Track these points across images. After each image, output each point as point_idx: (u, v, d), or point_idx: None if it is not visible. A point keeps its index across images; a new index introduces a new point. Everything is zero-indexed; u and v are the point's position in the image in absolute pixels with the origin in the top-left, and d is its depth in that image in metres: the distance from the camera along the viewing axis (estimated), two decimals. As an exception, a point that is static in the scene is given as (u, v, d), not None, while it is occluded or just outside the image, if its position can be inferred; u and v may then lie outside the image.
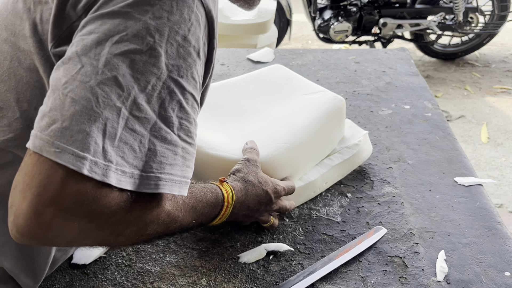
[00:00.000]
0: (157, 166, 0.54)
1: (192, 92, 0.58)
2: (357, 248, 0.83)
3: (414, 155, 1.06)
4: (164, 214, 0.60)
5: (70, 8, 0.56)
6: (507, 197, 2.28)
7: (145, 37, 0.52)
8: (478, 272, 0.78)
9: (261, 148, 0.87)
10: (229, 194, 0.74)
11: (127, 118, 0.51)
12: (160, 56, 0.53)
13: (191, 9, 0.55)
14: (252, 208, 0.79)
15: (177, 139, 0.56)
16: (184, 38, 0.55)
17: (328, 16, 3.29)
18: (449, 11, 3.26)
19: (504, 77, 3.42)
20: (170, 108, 0.55)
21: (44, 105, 0.51)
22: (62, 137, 0.48)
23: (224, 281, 0.79)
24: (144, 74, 0.52)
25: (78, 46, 0.53)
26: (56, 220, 0.48)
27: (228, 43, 2.40)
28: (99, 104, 0.49)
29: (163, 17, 0.53)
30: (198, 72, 0.59)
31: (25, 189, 0.48)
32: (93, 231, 0.52)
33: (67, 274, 0.81)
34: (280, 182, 0.84)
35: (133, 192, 0.54)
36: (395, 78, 1.39)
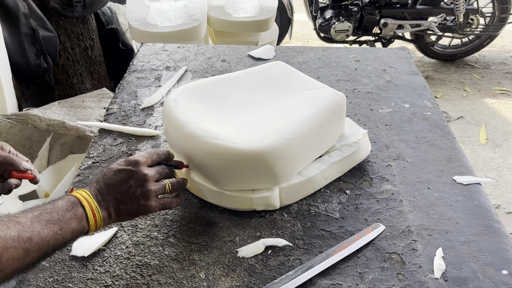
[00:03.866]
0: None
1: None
2: (355, 244, 0.83)
3: (413, 153, 1.07)
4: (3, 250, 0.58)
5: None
6: (505, 198, 2.28)
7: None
8: (475, 270, 0.79)
9: (263, 138, 0.87)
10: (83, 193, 0.72)
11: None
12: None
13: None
14: (123, 189, 0.74)
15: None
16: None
17: (329, 16, 3.29)
18: (450, 12, 3.26)
19: (503, 79, 3.42)
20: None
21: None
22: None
23: (223, 275, 0.79)
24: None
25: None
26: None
27: (230, 40, 2.40)
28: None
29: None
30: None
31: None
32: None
33: (66, 266, 0.82)
34: (143, 153, 0.81)
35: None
36: (395, 76, 1.39)
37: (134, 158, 0.78)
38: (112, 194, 0.74)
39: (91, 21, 2.17)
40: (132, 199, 0.75)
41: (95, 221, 0.71)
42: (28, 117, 1.59)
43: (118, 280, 0.79)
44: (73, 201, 0.70)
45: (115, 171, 0.76)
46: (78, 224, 0.69)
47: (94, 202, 0.72)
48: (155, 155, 0.82)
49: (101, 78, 2.30)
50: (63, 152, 1.66)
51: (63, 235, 0.67)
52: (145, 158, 0.79)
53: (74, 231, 0.68)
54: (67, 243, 0.68)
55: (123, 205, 0.75)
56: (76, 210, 0.69)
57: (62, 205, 0.69)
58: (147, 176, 0.77)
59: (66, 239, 0.67)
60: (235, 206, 0.91)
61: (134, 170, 0.76)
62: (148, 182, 0.76)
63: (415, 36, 3.45)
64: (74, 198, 0.71)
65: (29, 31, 1.81)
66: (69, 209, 0.69)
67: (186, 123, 0.91)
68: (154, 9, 2.23)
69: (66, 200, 0.70)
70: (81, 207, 0.70)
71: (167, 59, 1.52)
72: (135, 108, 1.26)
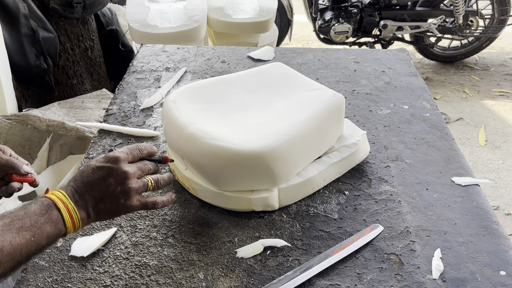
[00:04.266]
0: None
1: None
2: (353, 245, 0.83)
3: (412, 155, 1.07)
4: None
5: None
6: (504, 200, 2.28)
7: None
8: (473, 271, 0.79)
9: (262, 139, 0.87)
10: (58, 194, 0.68)
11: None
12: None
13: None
14: (102, 187, 0.71)
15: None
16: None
17: (329, 17, 3.29)
18: (449, 14, 3.26)
19: (502, 80, 3.43)
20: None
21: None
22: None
23: (222, 275, 0.79)
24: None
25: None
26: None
27: (229, 41, 2.40)
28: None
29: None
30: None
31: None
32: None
33: (65, 266, 0.82)
34: (123, 149, 0.76)
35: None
36: (394, 78, 1.39)
37: (114, 154, 0.74)
38: (91, 193, 0.70)
39: (91, 22, 2.18)
40: (112, 197, 0.71)
41: (72, 223, 0.67)
42: (28, 117, 1.59)
43: (117, 280, 0.79)
44: (47, 204, 0.66)
45: (93, 169, 0.72)
46: (53, 228, 0.65)
47: (71, 203, 0.68)
48: (136, 150, 0.77)
49: (101, 79, 2.31)
50: (62, 152, 1.66)
51: (38, 242, 0.63)
52: (125, 154, 0.75)
53: (49, 235, 0.65)
54: (42, 249, 0.65)
55: (102, 204, 0.71)
56: (51, 214, 0.65)
57: (35, 210, 0.65)
58: (127, 174, 0.72)
59: (41, 245, 0.64)
60: (234, 206, 0.91)
61: (114, 167, 0.72)
62: (128, 180, 0.72)
63: (415, 38, 3.46)
64: (49, 200, 0.67)
65: (29, 32, 1.81)
66: (43, 213, 0.65)
67: (186, 124, 0.91)
68: (154, 10, 2.23)
69: (39, 204, 0.66)
70: (56, 209, 0.66)
71: (166, 60, 1.52)
72: (135, 109, 1.27)
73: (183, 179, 0.97)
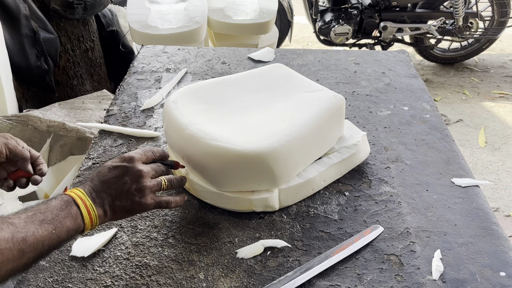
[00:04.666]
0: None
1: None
2: (354, 246, 0.83)
3: (412, 156, 1.07)
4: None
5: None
6: (503, 201, 2.29)
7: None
8: (473, 272, 0.79)
9: (263, 140, 0.87)
10: (77, 192, 0.72)
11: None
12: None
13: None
14: (118, 185, 0.74)
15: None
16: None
17: (329, 19, 3.30)
18: (449, 16, 3.27)
19: (502, 82, 3.43)
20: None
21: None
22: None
23: (222, 275, 0.79)
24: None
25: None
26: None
27: (230, 43, 2.40)
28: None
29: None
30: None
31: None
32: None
33: (66, 266, 0.82)
34: (137, 151, 0.81)
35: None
36: (394, 79, 1.40)
37: (129, 154, 0.78)
38: (107, 191, 0.73)
39: (92, 23, 2.18)
40: (127, 195, 0.74)
41: (90, 219, 0.70)
42: (29, 118, 1.60)
43: (118, 280, 0.79)
44: (66, 200, 0.70)
45: (109, 168, 0.76)
46: (73, 223, 0.68)
47: (89, 200, 0.71)
48: (150, 152, 0.81)
49: (101, 79, 2.31)
50: (63, 153, 1.66)
51: (58, 235, 0.66)
52: (139, 155, 0.79)
53: (69, 230, 0.68)
54: (62, 242, 0.68)
55: (118, 202, 0.74)
56: (70, 209, 0.69)
57: (56, 205, 0.68)
58: (142, 172, 0.76)
59: (61, 238, 0.67)
60: (235, 207, 0.91)
61: (129, 166, 0.76)
62: (143, 178, 0.76)
63: (415, 40, 3.47)
64: (68, 197, 0.70)
65: (30, 32, 1.82)
66: (63, 208, 0.68)
67: (186, 125, 0.91)
68: (154, 11, 2.24)
69: (60, 199, 0.69)
70: (75, 205, 0.69)
71: (167, 61, 1.53)
72: (135, 109, 1.27)
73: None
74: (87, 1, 2.00)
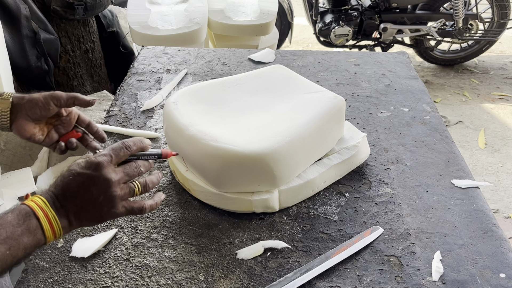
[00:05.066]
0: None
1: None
2: (354, 247, 0.83)
3: (412, 157, 1.07)
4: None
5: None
6: (503, 203, 2.29)
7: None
8: (473, 273, 0.79)
9: (263, 141, 0.87)
10: (38, 201, 0.64)
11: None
12: None
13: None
14: (83, 196, 0.66)
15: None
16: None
17: (329, 20, 3.30)
18: (449, 17, 3.27)
19: (502, 84, 3.44)
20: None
21: None
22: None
23: (222, 276, 0.79)
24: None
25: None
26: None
27: (230, 44, 2.41)
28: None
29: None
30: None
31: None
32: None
33: (66, 267, 0.82)
34: (106, 151, 0.70)
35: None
36: (394, 81, 1.40)
37: (96, 159, 0.68)
38: (72, 201, 0.65)
39: (92, 24, 2.18)
40: (94, 206, 0.67)
41: (53, 232, 0.63)
42: (29, 119, 1.59)
43: (118, 281, 0.79)
44: (25, 212, 0.62)
45: (73, 175, 0.66)
46: (32, 238, 0.61)
47: (51, 210, 0.63)
48: (123, 150, 0.71)
49: (102, 80, 2.31)
50: (63, 154, 1.66)
51: (14, 255, 0.59)
52: (108, 158, 0.69)
53: (27, 247, 0.61)
54: (20, 261, 0.61)
55: (85, 213, 0.66)
56: (29, 223, 0.61)
57: (12, 220, 0.60)
58: (110, 182, 0.67)
59: (17, 257, 0.60)
60: (235, 208, 0.91)
61: (95, 175, 0.66)
62: (111, 188, 0.67)
63: (415, 41, 3.47)
64: (27, 208, 0.63)
65: (31, 33, 1.82)
66: (20, 223, 0.61)
67: (187, 126, 0.91)
68: (155, 12, 2.24)
69: (17, 213, 0.62)
70: (35, 218, 0.62)
71: (167, 62, 1.53)
72: (136, 110, 1.27)
73: (183, 181, 0.97)
74: (87, 2, 2.00)
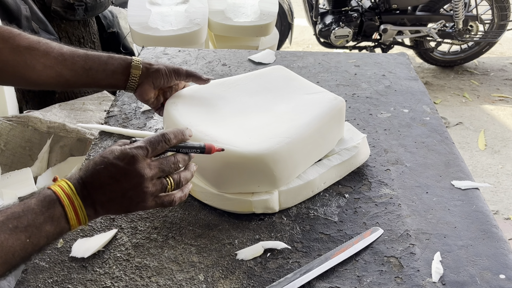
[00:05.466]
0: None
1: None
2: (353, 248, 0.83)
3: (411, 158, 1.07)
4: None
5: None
6: (503, 204, 2.29)
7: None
8: (473, 274, 0.79)
9: (263, 142, 0.87)
10: (65, 187, 0.62)
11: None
12: None
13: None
14: (113, 187, 0.64)
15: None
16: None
17: (329, 21, 3.31)
18: (449, 19, 3.28)
19: (502, 85, 3.44)
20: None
21: None
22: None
23: (222, 277, 0.79)
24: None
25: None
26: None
27: (230, 45, 2.41)
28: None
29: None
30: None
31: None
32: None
33: (65, 267, 0.82)
34: (143, 144, 0.67)
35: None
36: (394, 82, 1.40)
37: (132, 152, 0.65)
38: (101, 190, 0.64)
39: (93, 25, 2.19)
40: (124, 199, 0.65)
41: (78, 220, 0.62)
42: (29, 119, 1.60)
43: (118, 281, 0.79)
44: (50, 199, 0.60)
45: (106, 164, 0.64)
46: (55, 226, 0.59)
47: (78, 198, 0.62)
48: (161, 143, 0.68)
49: (102, 81, 2.31)
50: (63, 154, 1.66)
51: (35, 243, 0.58)
52: (144, 151, 0.66)
53: (49, 235, 0.59)
54: (42, 248, 0.60)
55: (112, 204, 0.65)
56: (53, 211, 0.59)
57: (35, 207, 0.58)
58: (143, 178, 0.65)
59: (39, 245, 0.59)
60: (235, 208, 0.91)
61: (128, 169, 0.64)
62: (143, 184, 0.65)
63: (415, 42, 3.47)
64: (52, 194, 0.61)
65: (31, 33, 1.82)
66: (43, 210, 0.59)
67: (186, 126, 0.91)
68: (155, 13, 2.24)
69: (41, 198, 0.60)
70: (60, 206, 0.60)
71: (167, 62, 1.53)
72: (136, 111, 1.27)
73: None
74: (88, 3, 2.00)
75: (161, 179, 0.69)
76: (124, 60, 0.94)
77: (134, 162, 0.65)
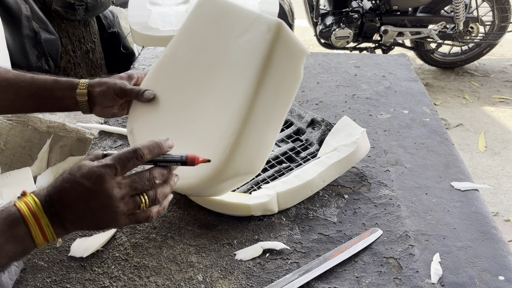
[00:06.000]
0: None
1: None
2: (352, 249, 0.83)
3: (411, 159, 1.07)
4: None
5: None
6: (503, 206, 2.28)
7: None
8: (472, 276, 0.79)
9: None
10: (30, 203, 0.58)
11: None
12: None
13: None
14: (82, 207, 0.61)
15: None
16: None
17: (330, 22, 3.31)
18: (450, 20, 3.28)
19: (502, 87, 3.44)
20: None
21: None
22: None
23: (220, 277, 0.79)
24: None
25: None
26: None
27: (230, 45, 2.41)
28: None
29: None
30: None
31: None
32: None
33: (64, 267, 0.82)
34: (111, 162, 0.62)
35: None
36: (394, 83, 1.40)
37: (99, 172, 0.60)
38: (69, 209, 0.60)
39: (93, 25, 2.19)
40: (94, 218, 0.62)
41: (44, 238, 0.59)
42: (29, 119, 1.60)
43: (116, 281, 0.79)
44: (13, 218, 0.57)
45: (73, 183, 0.60)
46: (17, 246, 0.57)
47: (45, 216, 0.58)
48: (132, 161, 0.62)
49: (102, 81, 2.31)
50: (63, 154, 1.66)
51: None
52: (113, 170, 0.61)
53: (11, 255, 0.57)
54: (3, 267, 0.57)
55: (82, 222, 0.62)
56: (16, 230, 0.56)
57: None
58: (111, 199, 0.60)
59: (0, 265, 0.56)
60: (233, 213, 0.91)
61: (95, 190, 0.59)
62: (113, 204, 0.61)
63: (415, 44, 3.47)
64: (17, 212, 0.57)
65: (31, 33, 1.82)
66: (5, 230, 0.56)
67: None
68: (155, 13, 2.24)
69: (4, 217, 0.57)
70: (24, 224, 0.57)
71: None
72: (136, 111, 1.27)
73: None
74: (88, 2, 2.00)
75: (134, 197, 0.64)
76: (70, 84, 0.89)
77: (101, 182, 0.60)
